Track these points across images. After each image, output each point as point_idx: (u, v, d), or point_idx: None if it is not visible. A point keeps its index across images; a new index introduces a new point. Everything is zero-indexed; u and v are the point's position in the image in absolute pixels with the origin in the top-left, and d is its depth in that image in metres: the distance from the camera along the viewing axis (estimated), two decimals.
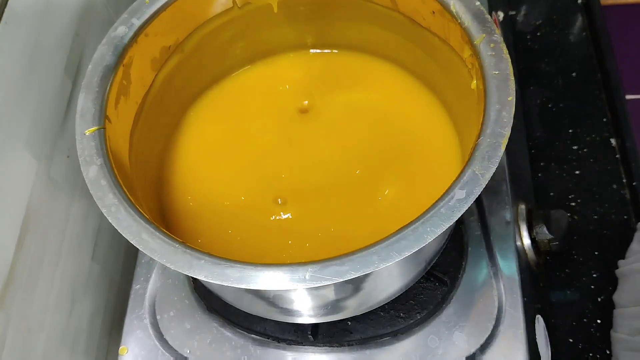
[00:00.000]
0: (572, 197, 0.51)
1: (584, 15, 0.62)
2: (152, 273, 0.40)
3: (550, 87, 0.58)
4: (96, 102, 0.31)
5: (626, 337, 0.39)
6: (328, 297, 0.31)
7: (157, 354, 0.37)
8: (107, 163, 0.29)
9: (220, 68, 0.42)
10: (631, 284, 0.41)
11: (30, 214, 0.34)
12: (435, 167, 0.37)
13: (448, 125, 0.38)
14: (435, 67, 0.37)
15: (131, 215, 0.27)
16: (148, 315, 0.39)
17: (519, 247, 0.39)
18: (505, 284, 0.37)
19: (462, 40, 0.31)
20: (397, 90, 0.41)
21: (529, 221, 0.41)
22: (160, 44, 0.36)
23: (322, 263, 0.24)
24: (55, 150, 0.37)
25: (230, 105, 0.42)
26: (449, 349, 0.35)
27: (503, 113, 0.27)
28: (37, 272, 0.35)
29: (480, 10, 0.31)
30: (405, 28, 0.37)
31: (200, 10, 0.37)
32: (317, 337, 0.36)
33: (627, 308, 0.40)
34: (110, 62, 0.32)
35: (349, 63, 0.43)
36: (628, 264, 0.42)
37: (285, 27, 0.41)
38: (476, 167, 0.26)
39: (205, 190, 0.38)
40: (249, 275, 0.24)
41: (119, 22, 0.33)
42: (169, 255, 0.25)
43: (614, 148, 0.53)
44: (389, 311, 0.36)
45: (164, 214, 0.37)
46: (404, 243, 0.24)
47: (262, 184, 0.38)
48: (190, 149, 0.40)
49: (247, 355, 0.37)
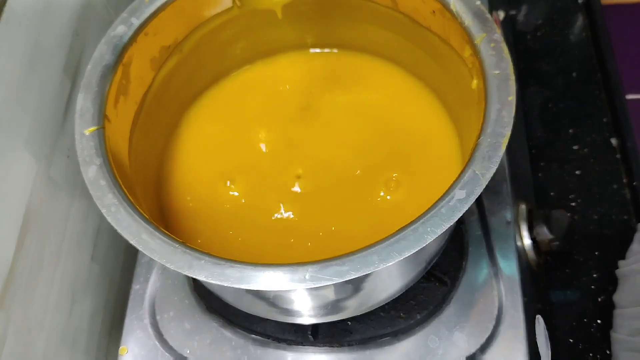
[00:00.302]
0: (572, 197, 0.51)
1: (584, 15, 0.62)
2: (151, 273, 0.40)
3: (551, 87, 0.58)
4: (95, 101, 0.31)
5: (626, 337, 0.39)
6: (328, 297, 0.31)
7: (157, 354, 0.37)
8: (107, 163, 0.29)
9: (220, 68, 0.42)
10: (631, 285, 0.41)
11: (30, 214, 0.34)
12: (435, 167, 0.37)
13: (448, 125, 0.38)
14: (435, 66, 0.37)
15: (131, 215, 0.27)
16: (148, 315, 0.39)
17: (519, 247, 0.39)
18: (506, 284, 0.37)
19: (462, 40, 0.31)
20: (397, 90, 0.41)
21: (530, 221, 0.41)
22: (160, 43, 0.35)
23: (322, 263, 0.24)
24: (55, 150, 0.37)
25: (230, 105, 0.42)
26: (449, 349, 0.35)
27: (503, 113, 0.27)
28: (37, 272, 0.35)
29: (480, 9, 0.31)
30: (406, 28, 0.36)
31: (199, 9, 0.37)
32: (317, 337, 0.36)
33: (627, 309, 0.40)
34: (109, 61, 0.32)
35: (349, 63, 0.43)
36: (628, 265, 0.42)
37: (286, 26, 0.41)
38: (476, 167, 0.26)
39: (205, 190, 0.38)
40: (249, 275, 0.24)
41: (118, 22, 0.33)
42: (169, 255, 0.25)
43: (614, 148, 0.53)
44: (389, 311, 0.36)
45: (164, 214, 0.37)
46: (404, 243, 0.24)
47: (262, 183, 0.38)
48: (190, 149, 0.40)
49: (247, 355, 0.37)
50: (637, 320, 0.39)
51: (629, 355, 0.38)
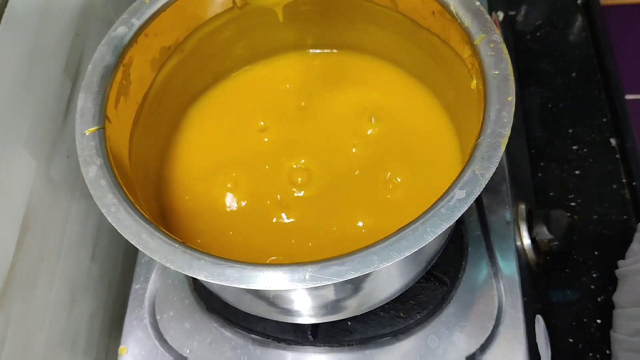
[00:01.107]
0: (572, 197, 0.51)
1: (584, 15, 0.62)
2: (151, 273, 0.40)
3: (550, 87, 0.58)
4: (96, 102, 0.31)
5: (626, 337, 0.39)
6: (328, 297, 0.31)
7: (156, 354, 0.37)
8: (107, 163, 0.29)
9: (220, 68, 0.42)
10: (631, 285, 0.41)
11: (30, 214, 0.34)
12: (435, 167, 0.37)
13: (448, 125, 0.38)
14: (435, 67, 0.37)
15: (131, 215, 0.27)
16: (148, 315, 0.39)
17: (519, 247, 0.39)
18: (505, 284, 0.37)
19: (462, 40, 0.31)
20: (397, 90, 0.41)
21: (529, 221, 0.41)
22: (160, 44, 0.36)
23: (322, 263, 0.24)
24: (54, 151, 0.37)
25: (230, 105, 0.42)
26: (449, 349, 0.35)
27: (503, 113, 0.27)
28: (37, 272, 0.35)
29: (480, 10, 0.31)
30: (405, 28, 0.36)
31: (200, 10, 0.37)
32: (317, 337, 0.36)
33: (627, 309, 0.40)
34: (110, 62, 0.32)
35: (349, 63, 0.43)
36: (628, 265, 0.42)
37: (285, 27, 0.41)
38: (476, 167, 0.26)
39: (205, 190, 0.38)
40: (249, 275, 0.24)
41: (118, 22, 0.33)
42: (169, 255, 0.25)
43: (614, 148, 0.53)
44: (389, 311, 0.36)
45: (164, 214, 0.37)
46: (404, 243, 0.24)
47: (262, 183, 0.38)
48: (190, 149, 0.40)
49: (247, 355, 0.37)
50: (636, 320, 0.39)
51: (629, 355, 0.38)
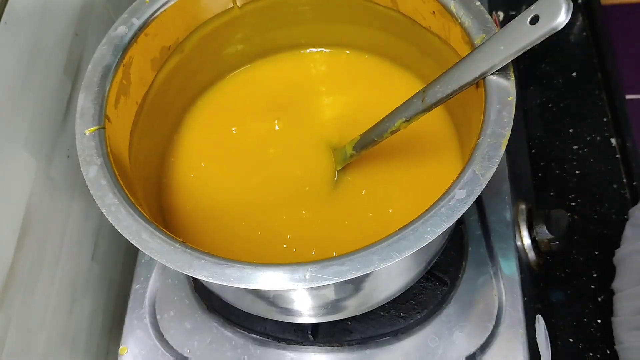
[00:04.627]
0: (572, 197, 0.51)
1: (584, 15, 0.62)
2: (152, 273, 0.40)
3: (550, 87, 0.58)
4: (96, 102, 0.31)
5: (628, 318, 0.39)
6: (328, 297, 0.31)
7: (157, 354, 0.37)
8: (107, 163, 0.29)
9: (220, 68, 0.42)
10: (628, 267, 0.41)
11: (30, 214, 0.34)
12: (435, 167, 0.37)
13: (448, 125, 0.38)
14: (435, 67, 0.37)
15: (131, 215, 0.27)
16: (148, 315, 0.39)
17: (519, 247, 0.39)
18: (506, 283, 0.37)
19: (462, 40, 0.31)
20: (397, 90, 0.41)
21: (529, 221, 0.41)
22: (160, 43, 0.36)
23: (322, 263, 0.24)
24: (54, 150, 0.37)
25: (230, 105, 0.42)
26: (449, 348, 0.35)
27: (503, 113, 0.27)
28: (37, 272, 0.35)
29: (480, 10, 0.31)
30: (406, 28, 0.36)
31: (200, 10, 0.37)
32: (317, 337, 0.36)
33: (626, 290, 0.40)
34: (110, 62, 0.32)
35: (349, 63, 0.43)
36: (623, 250, 0.42)
37: (285, 27, 0.41)
38: (476, 167, 0.26)
39: (205, 189, 0.38)
40: (249, 275, 0.24)
41: (119, 22, 0.33)
42: (169, 255, 0.25)
43: (614, 148, 0.53)
44: (389, 311, 0.36)
45: (164, 213, 0.37)
46: (404, 243, 0.24)
47: (262, 183, 0.38)
48: (191, 149, 0.40)
49: (247, 355, 0.37)
50: (637, 299, 0.39)
51: (633, 334, 0.38)
